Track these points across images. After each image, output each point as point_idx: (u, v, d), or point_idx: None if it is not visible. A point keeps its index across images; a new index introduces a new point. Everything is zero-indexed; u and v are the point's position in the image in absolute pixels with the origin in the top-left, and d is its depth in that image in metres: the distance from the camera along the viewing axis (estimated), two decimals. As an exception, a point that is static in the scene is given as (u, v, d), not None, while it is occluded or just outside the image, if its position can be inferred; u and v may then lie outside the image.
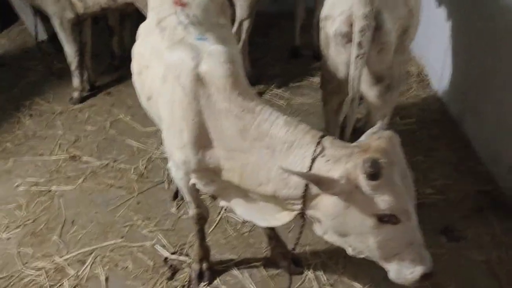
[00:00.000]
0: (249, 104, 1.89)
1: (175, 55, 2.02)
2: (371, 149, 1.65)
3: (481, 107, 3.51)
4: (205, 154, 2.02)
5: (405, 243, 1.74)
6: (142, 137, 3.98)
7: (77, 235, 3.02)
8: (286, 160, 1.82)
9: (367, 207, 1.66)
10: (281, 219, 2.06)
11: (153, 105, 2.25)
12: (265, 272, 2.76)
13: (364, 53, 2.20)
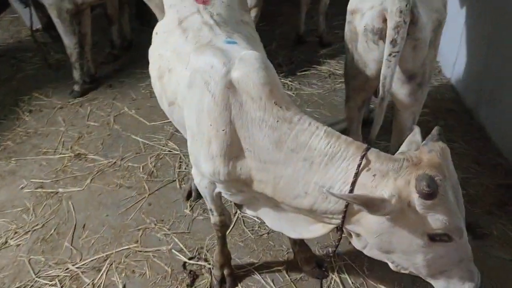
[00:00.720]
0: (285, 114, 1.76)
1: (203, 59, 1.88)
2: (423, 163, 1.53)
3: (499, 96, 3.42)
4: (235, 165, 1.90)
5: (456, 261, 1.64)
6: (148, 132, 3.85)
7: (90, 240, 2.91)
8: (326, 174, 1.71)
9: (418, 226, 1.56)
10: (315, 232, 1.97)
11: (176, 111, 2.12)
12: (288, 276, 2.67)
13: (398, 51, 2.08)
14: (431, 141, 1.60)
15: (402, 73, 2.25)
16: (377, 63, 2.26)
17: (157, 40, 2.29)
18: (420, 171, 1.50)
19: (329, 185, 1.72)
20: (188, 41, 2.05)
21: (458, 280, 1.68)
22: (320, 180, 1.73)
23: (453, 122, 3.77)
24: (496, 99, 3.45)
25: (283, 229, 2.14)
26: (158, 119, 4.00)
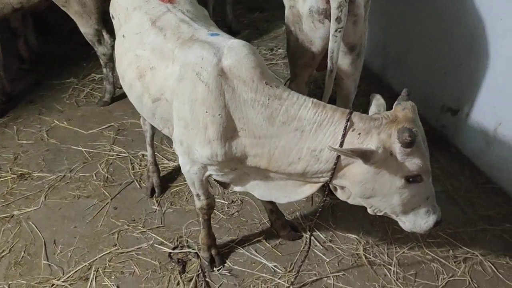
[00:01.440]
0: (276, 91, 2.01)
1: (193, 53, 2.03)
2: (400, 119, 1.88)
3: (404, 57, 3.99)
4: (231, 145, 2.11)
5: (424, 198, 2.03)
6: (88, 141, 3.80)
7: (66, 253, 2.87)
8: (316, 139, 1.99)
9: (398, 171, 1.91)
10: (304, 193, 2.25)
11: (161, 106, 2.23)
12: (268, 244, 2.94)
13: (342, 26, 2.42)
14: (402, 100, 1.95)
15: (345, 45, 2.60)
16: (322, 40, 2.58)
17: (128, 42, 2.36)
18: (400, 125, 1.85)
19: (320, 147, 2.00)
20: (168, 39, 2.18)
21: (425, 214, 2.08)
22: (311, 145, 2.01)
23: (365, 87, 4.28)
24: (401, 60, 4.03)
25: (272, 197, 2.39)
26: (94, 127, 3.96)
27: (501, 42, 3.03)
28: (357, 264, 2.81)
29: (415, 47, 3.82)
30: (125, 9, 2.46)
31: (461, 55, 3.38)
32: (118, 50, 2.48)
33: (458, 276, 2.73)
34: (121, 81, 2.50)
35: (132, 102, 2.53)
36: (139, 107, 2.45)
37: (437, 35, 3.58)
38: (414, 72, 3.90)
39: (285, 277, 2.73)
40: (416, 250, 2.88)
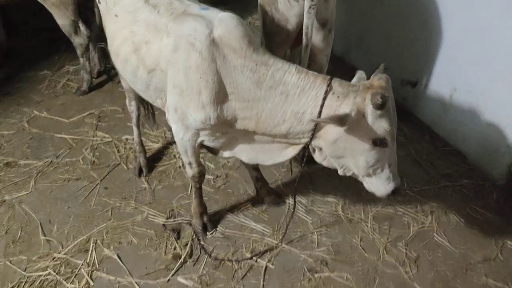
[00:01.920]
0: (262, 58, 2.23)
1: (186, 25, 2.24)
2: (374, 86, 2.11)
3: (366, 39, 4.32)
4: (222, 109, 2.32)
5: (387, 164, 2.26)
6: (71, 128, 3.91)
7: (63, 231, 2.99)
8: (299, 102, 2.21)
9: (367, 133, 2.13)
10: (287, 155, 2.48)
11: (156, 76, 2.42)
12: (255, 210, 3.17)
13: (316, 4, 2.68)
14: (379, 73, 2.20)
15: (317, 22, 2.86)
16: (297, 17, 2.83)
17: (122, 20, 2.52)
18: (374, 90, 2.08)
19: (303, 110, 2.22)
20: (161, 14, 2.37)
21: (385, 180, 2.29)
22: (295, 108, 2.23)
23: (330, 67, 4.57)
24: (362, 41, 4.35)
25: (259, 160, 2.61)
26: (75, 115, 4.07)
27: (452, 17, 3.39)
28: (336, 222, 3.09)
29: (374, 28, 4.16)
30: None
31: (416, 31, 3.73)
32: (110, 29, 2.63)
33: (426, 226, 3.06)
34: (114, 58, 2.66)
35: (125, 77, 2.69)
36: (133, 81, 2.61)
37: (394, 16, 3.93)
38: (374, 51, 4.23)
39: (273, 236, 2.97)
40: (388, 208, 3.19)
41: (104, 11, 2.77)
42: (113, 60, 2.71)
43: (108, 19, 2.66)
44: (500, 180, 3.31)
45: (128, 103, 3.38)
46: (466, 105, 3.45)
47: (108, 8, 2.71)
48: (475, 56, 3.26)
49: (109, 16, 2.64)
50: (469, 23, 3.24)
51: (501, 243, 2.96)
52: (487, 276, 2.75)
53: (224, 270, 2.76)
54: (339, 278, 2.73)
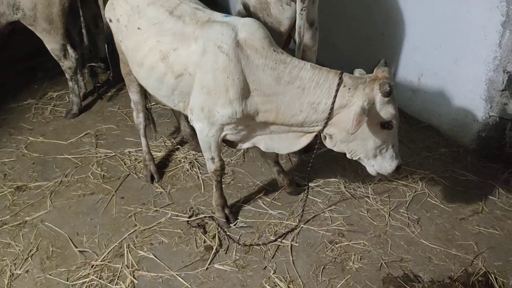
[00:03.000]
0: (281, 57, 2.57)
1: (214, 30, 2.54)
2: (379, 77, 2.48)
3: (334, 38, 4.74)
4: (246, 104, 2.63)
5: (391, 144, 2.65)
6: (72, 149, 4.02)
7: (93, 240, 3.12)
8: (315, 94, 2.54)
9: (376, 118, 2.49)
10: (302, 143, 2.81)
11: (184, 80, 2.67)
12: (268, 198, 3.45)
13: (306, 5, 3.04)
14: (382, 66, 2.58)
15: (306, 22, 3.23)
16: (290, 20, 3.18)
17: (147, 32, 2.73)
18: (381, 80, 2.45)
19: (318, 101, 2.56)
20: (187, 23, 2.63)
21: (390, 158, 2.69)
22: (311, 100, 2.57)
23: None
24: (330, 40, 4.78)
25: (275, 149, 2.93)
26: (72, 137, 4.17)
27: (412, 11, 3.89)
28: (343, 199, 3.44)
29: (341, 27, 4.60)
30: (136, 7, 2.83)
31: (382, 26, 4.21)
32: (131, 42, 2.83)
33: (419, 191, 3.49)
34: (137, 69, 2.86)
35: (148, 85, 2.91)
36: (157, 87, 2.82)
37: (359, 13, 4.39)
38: (343, 49, 4.67)
39: (290, 219, 3.27)
40: (383, 180, 3.58)
41: (120, 27, 2.97)
42: (135, 70, 2.93)
43: (128, 34, 2.87)
44: (472, 145, 3.82)
45: (135, 116, 3.56)
46: (434, 86, 3.95)
47: (120, 25, 2.93)
48: (438, 41, 3.76)
49: (129, 31, 2.85)
50: (429, 12, 3.75)
51: (483, 197, 3.43)
52: (478, 225, 3.19)
53: (254, 254, 3.02)
54: (357, 245, 3.06)
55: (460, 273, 2.84)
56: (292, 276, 2.85)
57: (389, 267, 2.90)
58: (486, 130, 3.73)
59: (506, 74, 3.43)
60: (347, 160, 3.72)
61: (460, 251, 2.99)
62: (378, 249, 3.03)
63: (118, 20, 2.97)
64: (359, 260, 2.95)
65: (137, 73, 2.93)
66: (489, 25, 3.38)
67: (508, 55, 3.36)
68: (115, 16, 2.99)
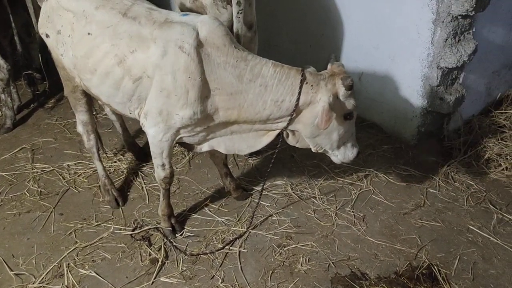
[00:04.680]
0: (242, 54, 2.53)
1: (174, 31, 2.47)
2: (337, 73, 2.51)
3: (275, 42, 4.75)
4: (206, 103, 2.58)
5: (351, 134, 2.71)
6: (5, 166, 3.79)
7: (30, 261, 2.94)
8: (278, 92, 2.53)
9: (339, 111, 2.53)
10: (264, 141, 2.79)
11: (143, 84, 2.58)
12: (214, 205, 3.39)
13: (242, 9, 3.01)
14: (333, 62, 2.61)
15: (244, 25, 3.19)
16: (227, 23, 3.11)
17: (100, 36, 2.61)
18: (340, 75, 2.48)
19: (282, 98, 2.55)
20: (143, 25, 2.53)
21: (351, 147, 2.76)
22: (274, 97, 2.55)
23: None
24: (271, 43, 4.78)
25: (236, 150, 2.88)
26: (5, 153, 3.95)
27: (350, 11, 3.95)
28: (290, 201, 3.43)
29: (281, 29, 4.61)
30: (81, 12, 2.66)
31: (321, 27, 4.24)
32: (81, 49, 2.68)
33: (364, 189, 3.53)
34: (89, 76, 2.70)
35: (102, 92, 2.74)
36: (113, 94, 2.68)
37: (297, 17, 4.41)
38: (284, 50, 4.68)
39: (238, 225, 3.22)
40: (329, 180, 3.61)
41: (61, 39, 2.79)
42: (86, 78, 2.75)
43: (75, 43, 2.70)
44: (412, 140, 3.92)
45: (86, 139, 3.28)
46: (375, 84, 4.02)
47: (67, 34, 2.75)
48: (375, 41, 3.83)
49: (76, 39, 2.69)
50: (366, 13, 3.81)
51: (425, 191, 3.51)
52: (421, 219, 3.27)
53: (202, 263, 2.94)
54: (305, 247, 3.06)
55: (405, 268, 2.89)
56: (241, 284, 2.81)
57: (337, 266, 2.91)
58: (425, 125, 3.84)
59: (440, 70, 3.54)
60: (294, 162, 3.79)
61: (405, 246, 3.05)
62: (325, 250, 3.03)
63: (59, 32, 2.79)
64: (307, 262, 2.94)
65: (89, 81, 2.76)
66: (422, 23, 3.48)
67: (440, 52, 3.46)
68: (54, 28, 2.81)
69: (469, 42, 3.46)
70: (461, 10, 3.20)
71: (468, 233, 3.15)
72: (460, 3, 3.19)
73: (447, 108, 3.68)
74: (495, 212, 3.31)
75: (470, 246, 3.05)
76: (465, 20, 3.37)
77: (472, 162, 3.74)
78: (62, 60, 2.88)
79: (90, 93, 2.94)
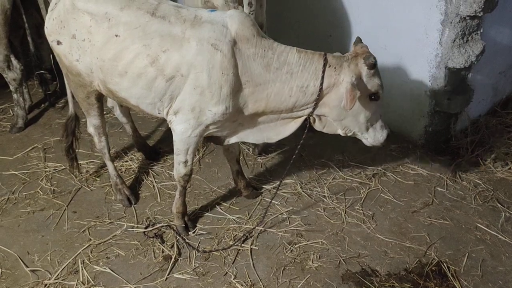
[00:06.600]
0: (268, 43, 2.59)
1: (205, 29, 2.53)
2: (360, 53, 2.55)
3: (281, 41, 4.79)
4: (238, 97, 2.64)
5: (379, 115, 2.74)
6: (18, 165, 3.85)
7: (45, 258, 2.99)
8: (303, 77, 2.58)
9: (364, 91, 2.56)
10: (290, 129, 2.83)
11: (175, 83, 2.62)
12: (225, 203, 3.44)
13: (254, 10, 3.07)
14: (358, 43, 2.66)
15: (256, 25, 3.25)
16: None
17: (129, 37, 2.61)
18: (363, 55, 2.52)
19: (306, 84, 2.60)
20: (173, 24, 2.57)
21: (380, 129, 2.78)
22: (299, 83, 2.60)
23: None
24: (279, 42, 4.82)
25: (265, 139, 2.93)
26: (17, 152, 4.00)
27: (358, 12, 4.00)
28: (300, 199, 3.48)
29: (290, 30, 4.66)
30: (103, 14, 2.65)
31: (329, 28, 4.29)
32: (109, 51, 2.66)
33: (373, 188, 3.58)
34: (118, 79, 2.71)
35: (133, 96, 2.75)
36: (144, 95, 2.70)
37: (306, 17, 4.46)
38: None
39: (248, 222, 3.27)
40: (338, 179, 3.66)
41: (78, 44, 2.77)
42: (114, 81, 2.73)
43: (99, 45, 2.68)
44: (420, 140, 3.96)
45: (97, 140, 3.32)
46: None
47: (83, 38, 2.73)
48: (383, 41, 3.87)
49: (101, 41, 2.67)
50: (374, 14, 3.85)
51: (433, 189, 3.55)
52: (429, 217, 3.31)
53: (214, 260, 2.99)
54: (316, 244, 3.10)
55: (414, 265, 2.93)
56: (253, 280, 2.85)
57: (347, 263, 2.96)
58: (433, 125, 3.88)
59: (448, 71, 3.59)
60: (303, 161, 3.83)
61: (414, 243, 3.09)
62: (336, 247, 3.07)
63: (73, 36, 2.76)
64: (318, 259, 2.99)
65: (117, 85, 2.74)
66: (430, 24, 3.53)
67: (449, 52, 3.51)
68: (69, 33, 2.77)
69: (477, 42, 3.50)
70: (470, 11, 3.25)
71: (476, 231, 3.19)
72: (469, 4, 3.23)
73: (455, 108, 3.72)
74: (503, 211, 3.35)
75: (479, 243, 3.09)
76: (473, 21, 3.42)
77: (479, 161, 3.78)
78: (78, 65, 2.84)
79: (114, 97, 2.92)
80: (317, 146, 3.96)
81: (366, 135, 2.79)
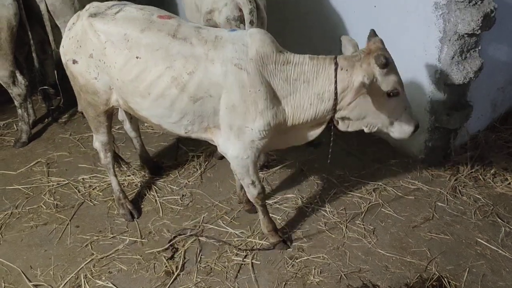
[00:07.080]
0: (285, 56, 2.62)
1: (228, 50, 2.57)
2: (373, 50, 2.53)
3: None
4: (275, 111, 2.66)
5: (403, 108, 2.71)
6: (22, 179, 3.89)
7: (48, 273, 3.02)
8: (318, 84, 2.61)
9: (380, 90, 2.56)
10: (316, 132, 2.85)
11: (204, 104, 2.65)
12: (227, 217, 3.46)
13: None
14: (372, 37, 2.64)
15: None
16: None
17: (152, 59, 2.62)
18: (374, 53, 2.50)
19: (322, 90, 2.63)
20: (195, 45, 2.60)
21: (406, 122, 2.75)
22: (316, 90, 2.63)
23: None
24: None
25: (294, 143, 2.98)
26: (21, 167, 4.04)
27: (357, 29, 4.06)
28: (301, 214, 3.50)
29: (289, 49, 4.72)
30: (121, 36, 2.67)
31: (330, 45, 4.35)
32: (130, 72, 2.68)
33: (373, 202, 3.60)
34: (139, 100, 2.74)
35: (155, 115, 2.78)
36: (167, 115, 2.73)
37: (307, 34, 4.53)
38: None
39: (250, 237, 3.29)
40: (339, 193, 3.68)
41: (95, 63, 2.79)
42: (135, 101, 2.77)
43: (118, 67, 2.70)
44: (420, 155, 4.00)
45: (103, 156, 3.34)
46: (381, 99, 4.11)
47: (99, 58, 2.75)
48: (383, 57, 3.93)
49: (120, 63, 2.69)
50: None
51: (433, 204, 3.58)
52: (430, 232, 3.33)
53: (216, 275, 3.01)
54: (317, 259, 3.11)
55: (415, 280, 2.94)
56: (254, 295, 2.87)
57: (349, 278, 2.97)
58: (432, 140, 3.92)
59: (447, 87, 3.64)
60: (303, 176, 3.85)
61: (415, 258, 3.10)
62: (337, 262, 3.09)
63: (91, 56, 2.78)
64: (320, 274, 3.00)
65: (138, 104, 2.78)
66: (428, 41, 3.58)
67: (447, 69, 3.56)
68: (86, 52, 2.78)
69: (475, 59, 3.56)
70: (468, 29, 3.30)
71: (476, 246, 3.21)
72: (467, 22, 3.29)
73: (454, 124, 3.76)
74: (503, 225, 3.36)
75: (479, 258, 3.11)
76: (471, 39, 3.48)
77: (479, 176, 3.81)
78: (96, 84, 2.85)
79: (134, 114, 2.96)
80: (318, 161, 3.99)
81: (391, 129, 2.76)
